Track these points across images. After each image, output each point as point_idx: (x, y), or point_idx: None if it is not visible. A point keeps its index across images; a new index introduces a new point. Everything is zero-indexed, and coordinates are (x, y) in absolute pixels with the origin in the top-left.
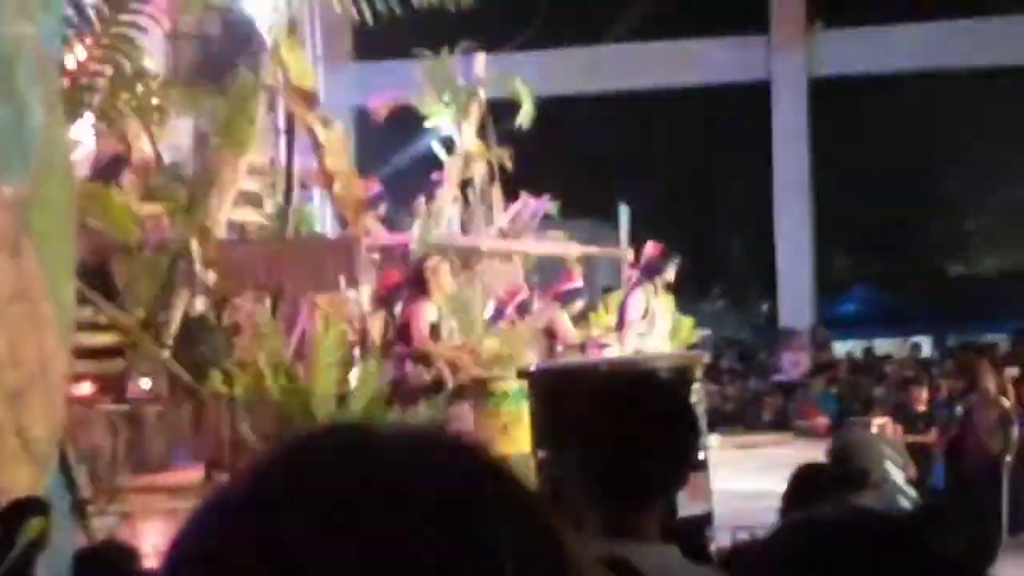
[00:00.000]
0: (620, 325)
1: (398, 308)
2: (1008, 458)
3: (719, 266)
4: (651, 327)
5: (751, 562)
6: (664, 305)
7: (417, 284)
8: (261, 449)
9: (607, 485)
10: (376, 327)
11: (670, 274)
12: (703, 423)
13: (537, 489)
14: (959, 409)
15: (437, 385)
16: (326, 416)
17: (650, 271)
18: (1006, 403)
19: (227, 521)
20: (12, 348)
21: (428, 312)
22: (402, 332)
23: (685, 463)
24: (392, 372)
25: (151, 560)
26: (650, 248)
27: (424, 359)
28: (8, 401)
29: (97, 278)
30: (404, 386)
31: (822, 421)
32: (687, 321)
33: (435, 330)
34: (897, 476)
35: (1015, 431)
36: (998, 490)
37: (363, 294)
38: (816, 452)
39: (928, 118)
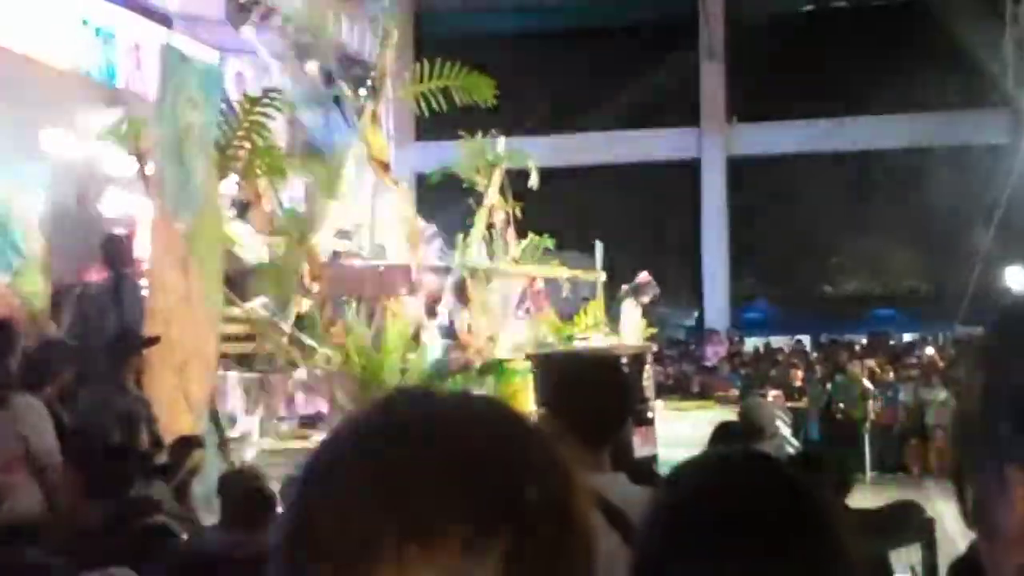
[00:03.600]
0: (613, 326)
1: (440, 311)
2: (867, 422)
3: (662, 285)
4: (634, 329)
5: (669, 487)
6: (639, 315)
7: (459, 295)
8: (350, 405)
9: (573, 432)
10: (425, 323)
11: (646, 299)
12: (652, 392)
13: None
14: (828, 386)
15: (468, 365)
16: (393, 384)
17: (638, 292)
18: (865, 383)
19: (344, 448)
20: (180, 334)
21: (465, 315)
22: (448, 329)
23: (624, 417)
24: (439, 355)
25: (272, 483)
26: (643, 276)
27: (461, 348)
28: (176, 370)
29: (236, 287)
30: (447, 365)
31: (733, 392)
32: (642, 323)
33: (469, 328)
34: (785, 431)
35: (871, 403)
36: (858, 444)
37: (419, 300)
38: (729, 414)
39: (811, 186)
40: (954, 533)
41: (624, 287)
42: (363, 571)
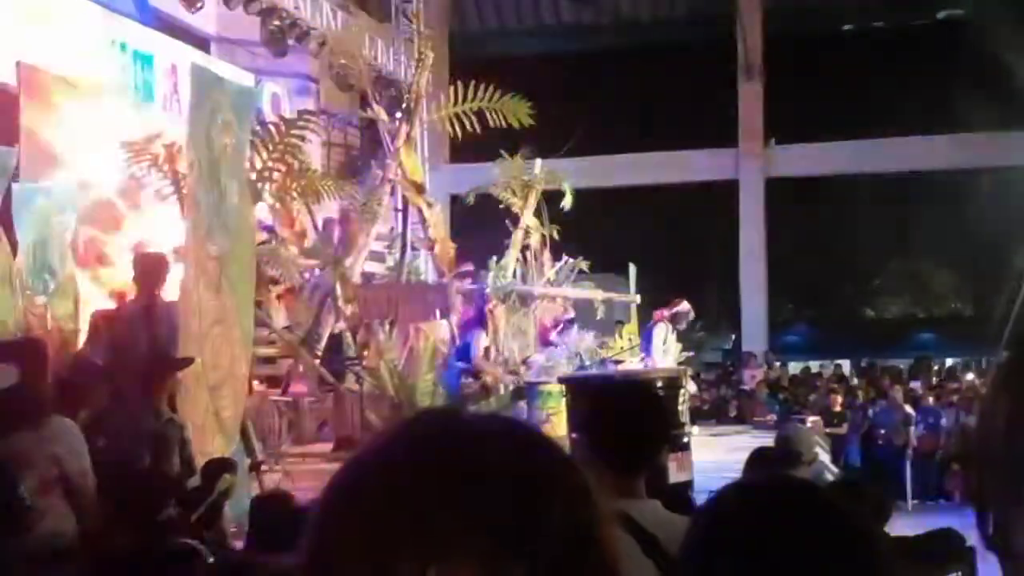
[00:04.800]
0: (646, 349)
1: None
2: (909, 449)
3: (699, 308)
4: (668, 352)
5: (705, 515)
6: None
7: (479, 319)
8: (382, 427)
9: (607, 458)
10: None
11: (683, 325)
12: (687, 417)
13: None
14: (869, 411)
15: (485, 391)
16: (425, 405)
17: (674, 319)
18: (907, 408)
19: (365, 471)
20: (213, 356)
21: (482, 339)
22: (462, 352)
23: (660, 443)
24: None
25: (304, 505)
26: (680, 304)
27: (476, 373)
28: (209, 392)
29: (269, 310)
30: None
31: (770, 418)
32: (678, 346)
33: (487, 352)
34: (824, 457)
35: (912, 429)
36: (899, 470)
37: (452, 322)
38: (766, 439)
39: (851, 208)
40: (996, 561)
41: (657, 313)
42: None
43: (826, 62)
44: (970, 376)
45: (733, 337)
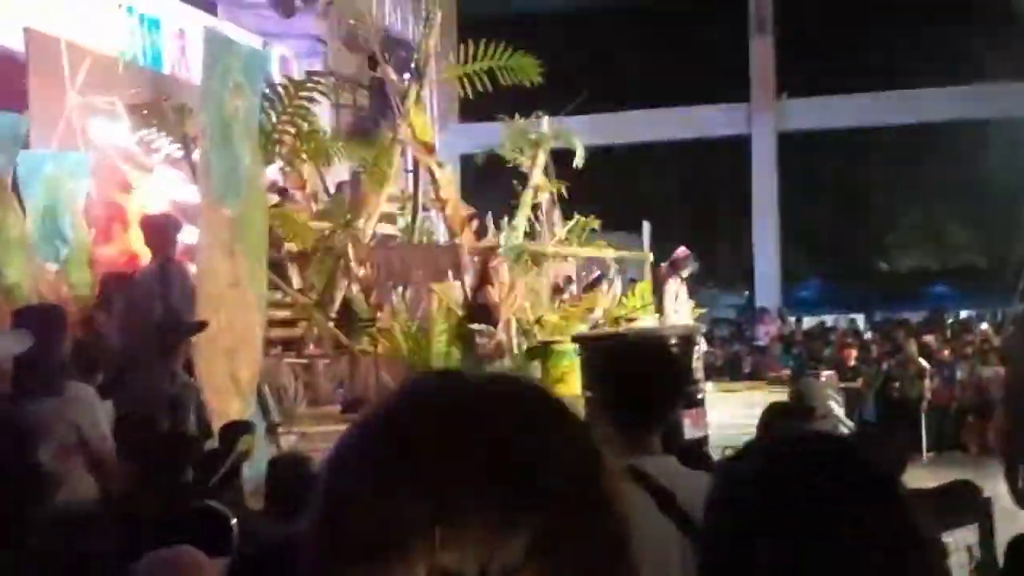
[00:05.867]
0: (659, 306)
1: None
2: (924, 402)
3: (713, 264)
4: (681, 308)
5: (729, 471)
6: (686, 293)
7: (482, 277)
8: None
9: (620, 415)
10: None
11: (686, 273)
12: (702, 374)
13: (583, 419)
14: (884, 365)
15: (499, 351)
16: (439, 367)
17: (676, 267)
18: (921, 361)
19: (371, 433)
20: (228, 320)
21: (490, 299)
22: (475, 312)
23: (673, 399)
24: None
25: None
26: (680, 251)
27: (490, 334)
28: (225, 355)
29: (282, 272)
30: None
31: (785, 373)
32: (691, 303)
33: (496, 308)
34: (838, 411)
35: (927, 383)
36: (915, 424)
37: (465, 283)
38: (781, 395)
39: (864, 161)
40: (1013, 513)
41: (662, 266)
42: (393, 554)
43: (838, 14)
44: (984, 327)
45: (747, 293)
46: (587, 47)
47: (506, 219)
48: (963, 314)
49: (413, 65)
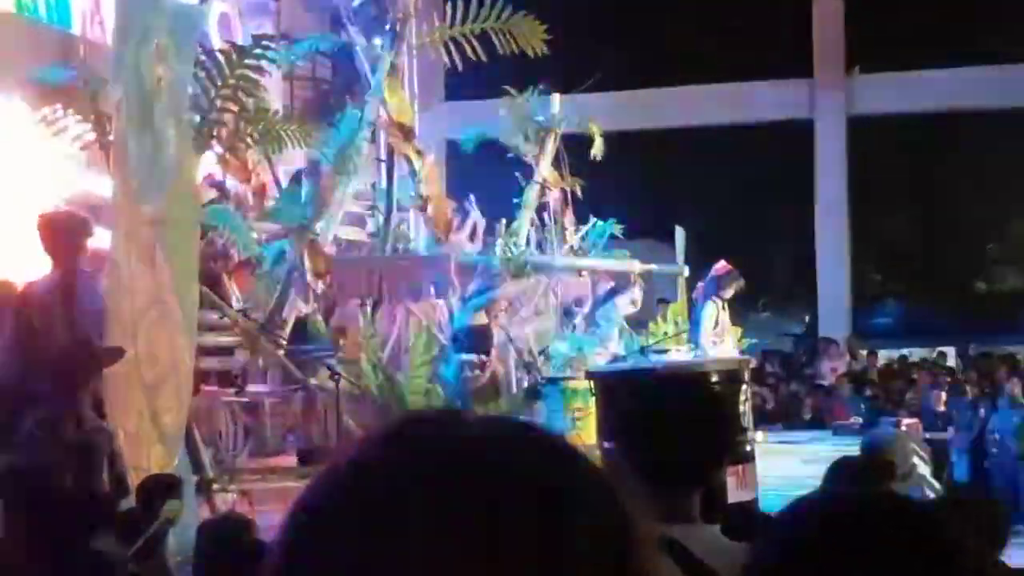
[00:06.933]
0: (695, 335)
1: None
2: None
3: (765, 281)
4: (722, 336)
5: (777, 531)
6: (729, 318)
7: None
8: (362, 435)
9: (649, 473)
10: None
11: (729, 293)
12: (750, 421)
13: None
14: (982, 411)
15: (494, 388)
16: (417, 407)
17: (718, 285)
18: None
19: (340, 489)
20: (149, 346)
21: (490, 323)
22: (464, 340)
23: (717, 456)
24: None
25: (265, 533)
26: (720, 265)
27: (481, 364)
28: (145, 392)
29: (219, 287)
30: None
31: (856, 420)
32: (736, 330)
33: (487, 331)
34: (924, 469)
35: None
36: (1019, 486)
37: (452, 303)
38: (851, 448)
39: (953, 152)
40: None
41: (700, 284)
42: None
43: None
44: None
45: (807, 319)
46: (607, 9)
47: (504, 223)
48: None
49: (388, 27)
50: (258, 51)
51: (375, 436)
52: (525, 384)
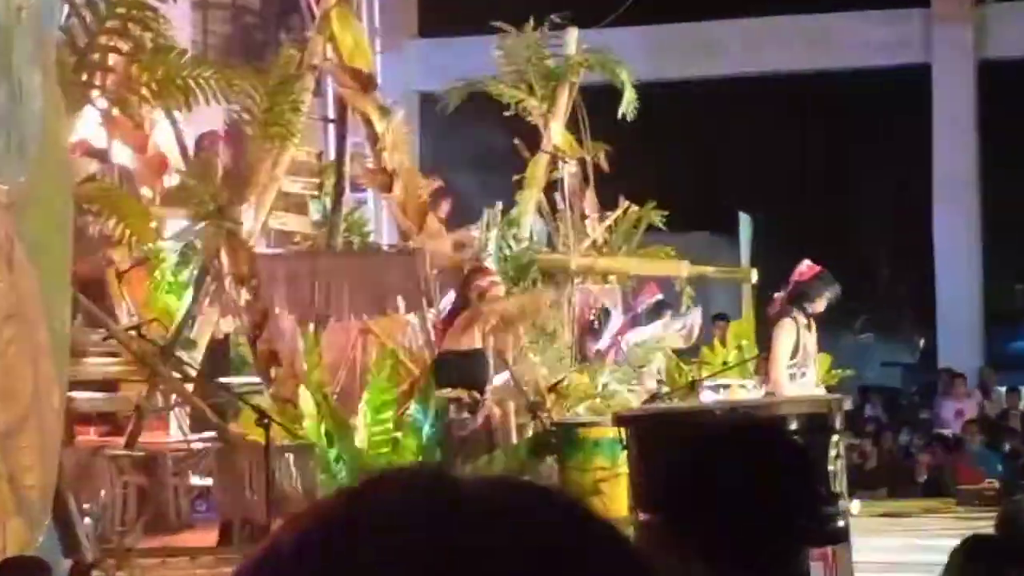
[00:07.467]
0: (767, 364)
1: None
2: None
3: (864, 290)
4: (803, 367)
5: None
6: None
7: (460, 307)
8: (303, 504)
9: (704, 558)
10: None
11: (820, 305)
12: (843, 484)
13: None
14: None
15: (488, 436)
16: (377, 465)
17: (800, 298)
18: None
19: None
20: (5, 379)
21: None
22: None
23: (798, 534)
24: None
25: None
26: (805, 268)
27: (471, 406)
28: None
29: (102, 295)
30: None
31: (990, 484)
32: (824, 359)
33: (476, 359)
34: None
35: None
36: None
37: (427, 318)
38: (984, 524)
39: None
40: None
41: (776, 297)
42: None
43: None
44: None
45: (922, 343)
46: None
47: (499, 207)
48: None
49: None
50: None
51: (322, 508)
52: (530, 432)
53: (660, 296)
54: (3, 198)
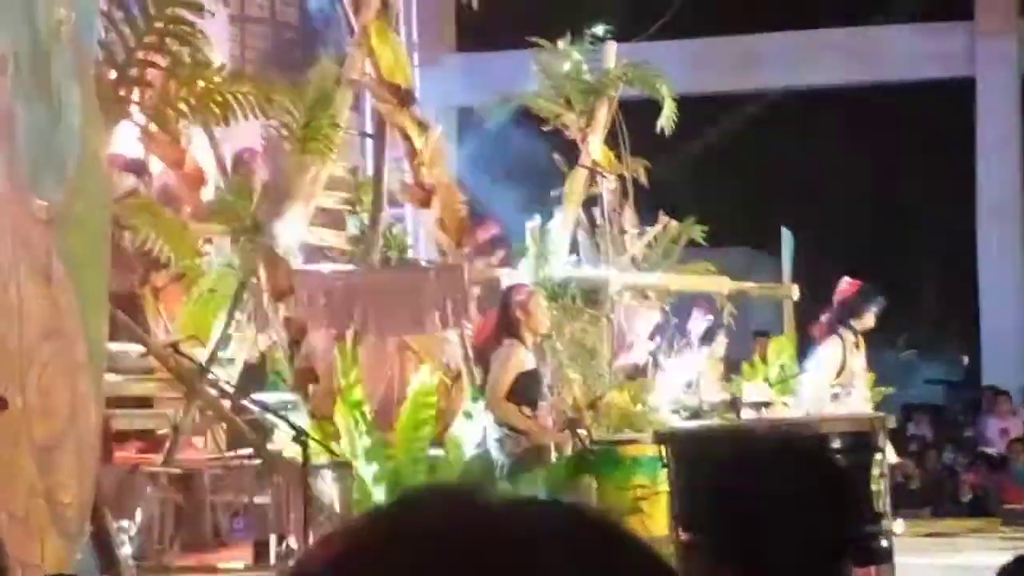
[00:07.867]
0: (808, 379)
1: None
2: None
3: (906, 306)
4: (849, 385)
5: None
6: (863, 360)
7: (506, 325)
8: (338, 524)
9: (747, 574)
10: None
11: (869, 320)
12: (887, 503)
13: None
14: None
15: (538, 454)
16: (415, 484)
17: (845, 312)
18: None
19: None
20: (43, 395)
21: (515, 361)
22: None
23: (839, 554)
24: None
25: None
26: (845, 285)
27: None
28: (37, 459)
29: (140, 312)
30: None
31: None
32: (869, 377)
33: (528, 383)
34: None
35: None
36: None
37: (466, 335)
38: None
39: None
40: None
41: (822, 320)
42: None
43: None
44: None
45: (966, 360)
46: None
47: (538, 221)
48: None
49: None
50: None
51: (354, 528)
52: (568, 450)
53: (711, 318)
54: (42, 214)
